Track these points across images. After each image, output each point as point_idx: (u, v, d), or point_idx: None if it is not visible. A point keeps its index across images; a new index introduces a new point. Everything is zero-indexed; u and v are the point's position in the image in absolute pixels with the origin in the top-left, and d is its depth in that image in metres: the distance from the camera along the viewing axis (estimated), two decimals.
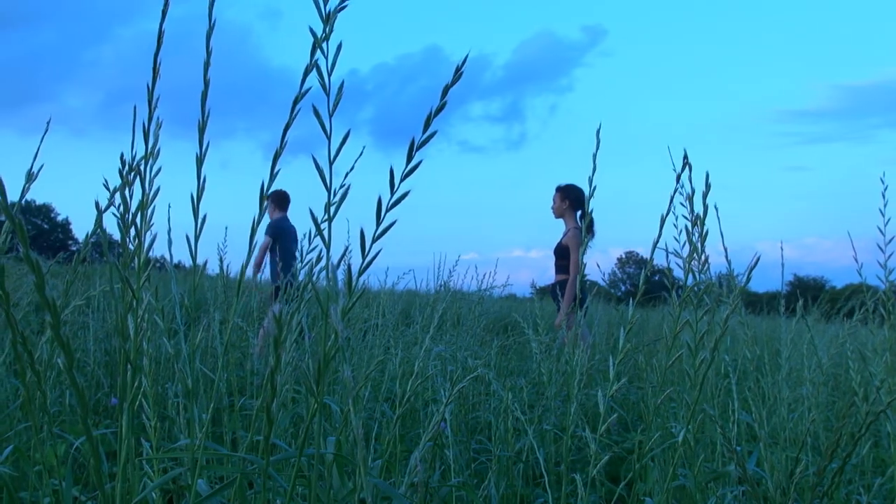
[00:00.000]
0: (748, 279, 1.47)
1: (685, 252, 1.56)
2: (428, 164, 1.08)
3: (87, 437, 0.96)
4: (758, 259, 1.44)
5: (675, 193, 1.55)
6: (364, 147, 1.19)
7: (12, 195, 0.82)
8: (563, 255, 6.58)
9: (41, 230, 54.17)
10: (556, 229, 6.83)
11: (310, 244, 1.52)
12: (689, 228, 1.54)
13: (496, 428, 2.37)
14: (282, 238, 7.92)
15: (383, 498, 1.68)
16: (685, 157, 1.53)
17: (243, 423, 2.85)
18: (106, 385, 3.36)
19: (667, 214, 1.54)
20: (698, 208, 1.53)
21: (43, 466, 1.65)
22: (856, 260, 2.18)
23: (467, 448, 2.64)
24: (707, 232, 1.52)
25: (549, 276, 6.99)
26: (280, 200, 8.15)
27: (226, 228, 3.45)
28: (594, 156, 1.80)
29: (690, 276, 1.55)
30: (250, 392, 3.17)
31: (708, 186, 1.50)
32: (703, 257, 1.52)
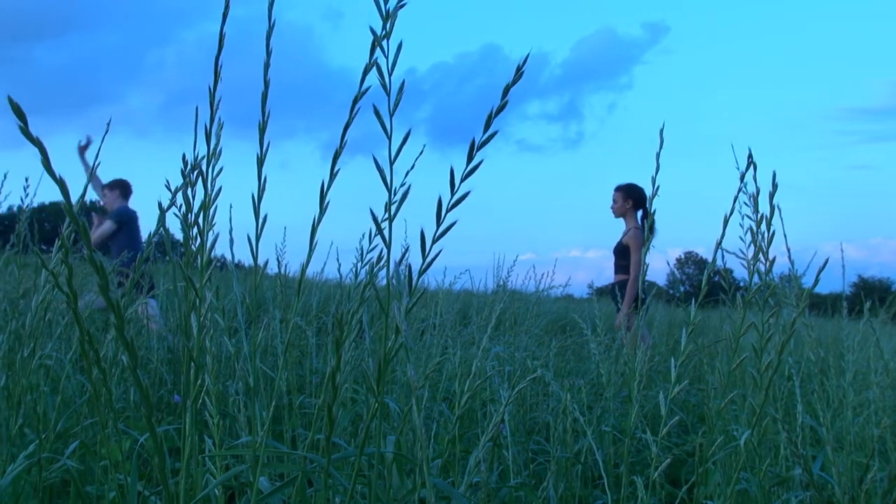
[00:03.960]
0: (816, 281, 1.43)
1: (748, 252, 1.53)
2: (485, 164, 1.08)
3: (152, 434, 0.98)
4: (826, 261, 1.41)
5: (738, 193, 1.52)
6: (424, 146, 1.19)
7: (74, 196, 0.84)
8: (624, 255, 6.51)
9: None
10: (615, 229, 6.77)
11: (370, 244, 1.52)
12: (754, 229, 1.50)
13: (555, 429, 2.35)
14: (131, 226, 7.61)
15: (442, 497, 1.68)
16: (750, 155, 1.50)
17: (303, 421, 2.87)
18: (169, 382, 3.42)
19: (730, 214, 1.51)
20: (764, 208, 1.49)
21: (109, 461, 1.69)
22: None
23: (525, 449, 2.63)
24: (774, 233, 1.49)
25: (606, 276, 6.93)
26: (125, 189, 7.80)
27: (284, 228, 3.48)
28: (657, 155, 1.77)
29: (756, 277, 1.51)
30: (309, 391, 3.20)
31: (775, 186, 1.46)
32: (769, 258, 1.49)
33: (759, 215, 1.50)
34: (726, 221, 1.50)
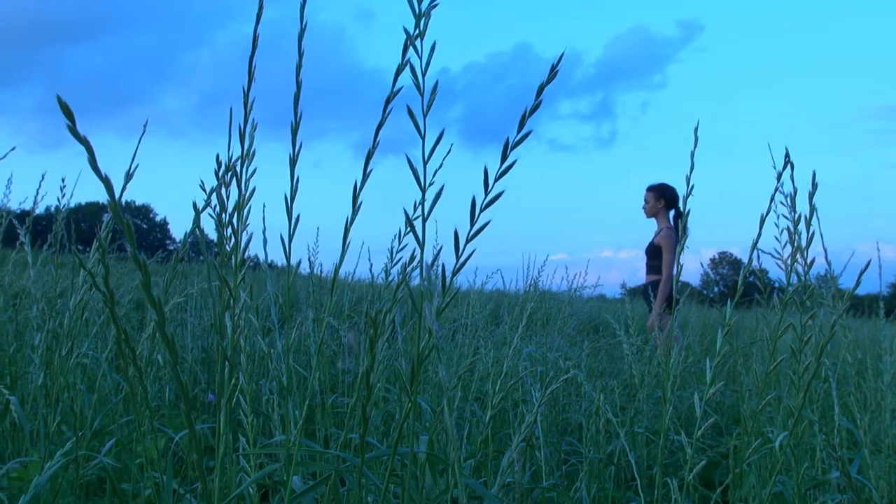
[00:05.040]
0: (858, 283, 1.41)
1: (784, 253, 1.51)
2: (517, 164, 1.07)
3: (190, 431, 0.98)
4: (868, 263, 1.38)
5: (775, 192, 1.50)
6: (452, 145, 1.18)
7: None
8: (655, 256, 6.46)
9: (140, 230, 56.21)
10: (647, 229, 6.72)
11: (400, 243, 1.53)
12: (792, 229, 1.48)
13: (587, 429, 2.34)
14: None
15: (474, 498, 1.68)
16: (787, 155, 1.48)
17: (335, 420, 2.88)
18: (203, 381, 3.44)
19: (766, 214, 1.49)
20: (802, 208, 1.47)
21: (144, 459, 1.70)
22: None
23: (558, 449, 2.62)
24: (813, 233, 1.47)
25: (639, 276, 6.88)
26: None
27: (317, 228, 3.48)
28: (692, 154, 1.75)
29: (794, 277, 1.49)
30: (342, 390, 3.21)
31: (815, 186, 1.44)
32: (808, 259, 1.47)
33: (796, 215, 1.48)
34: (763, 221, 1.48)
